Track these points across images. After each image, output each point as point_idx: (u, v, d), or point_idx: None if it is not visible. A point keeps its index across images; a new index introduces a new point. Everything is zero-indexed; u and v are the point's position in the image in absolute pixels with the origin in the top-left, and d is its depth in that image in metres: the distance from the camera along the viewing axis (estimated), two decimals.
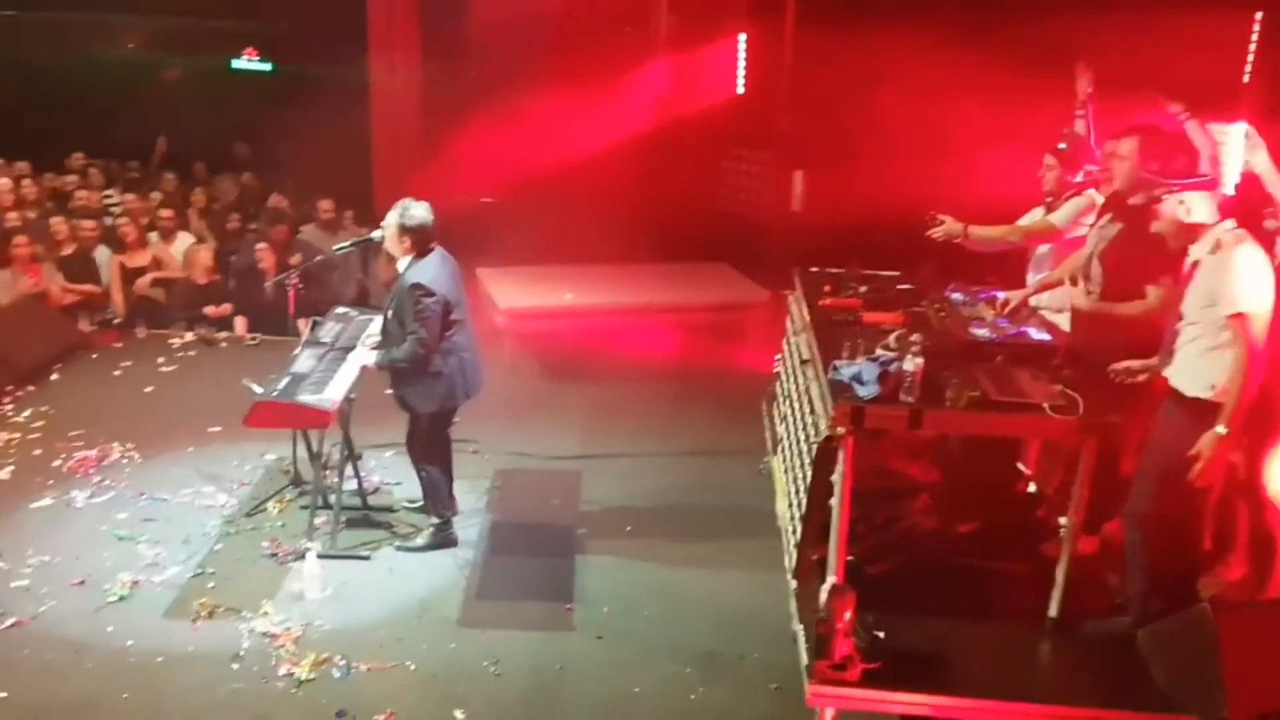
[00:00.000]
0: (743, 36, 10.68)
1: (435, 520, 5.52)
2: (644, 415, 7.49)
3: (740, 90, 10.80)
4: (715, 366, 8.29)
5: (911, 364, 4.06)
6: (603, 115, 10.31)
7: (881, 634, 4.02)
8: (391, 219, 5.11)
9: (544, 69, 10.26)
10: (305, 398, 4.99)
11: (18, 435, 6.61)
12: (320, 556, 5.17)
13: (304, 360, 5.36)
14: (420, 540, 5.51)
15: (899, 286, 5.50)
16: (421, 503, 5.63)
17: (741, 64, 10.77)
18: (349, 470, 5.70)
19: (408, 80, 11.11)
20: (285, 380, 5.12)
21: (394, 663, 4.58)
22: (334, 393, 5.08)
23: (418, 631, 4.82)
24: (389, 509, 5.87)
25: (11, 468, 6.18)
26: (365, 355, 5.25)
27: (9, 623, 4.70)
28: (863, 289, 5.48)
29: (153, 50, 12.47)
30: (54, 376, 7.64)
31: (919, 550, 4.80)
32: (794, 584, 4.53)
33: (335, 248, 5.42)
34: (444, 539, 5.52)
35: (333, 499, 5.50)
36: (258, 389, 5.07)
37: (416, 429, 5.38)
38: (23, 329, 7.75)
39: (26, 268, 8.24)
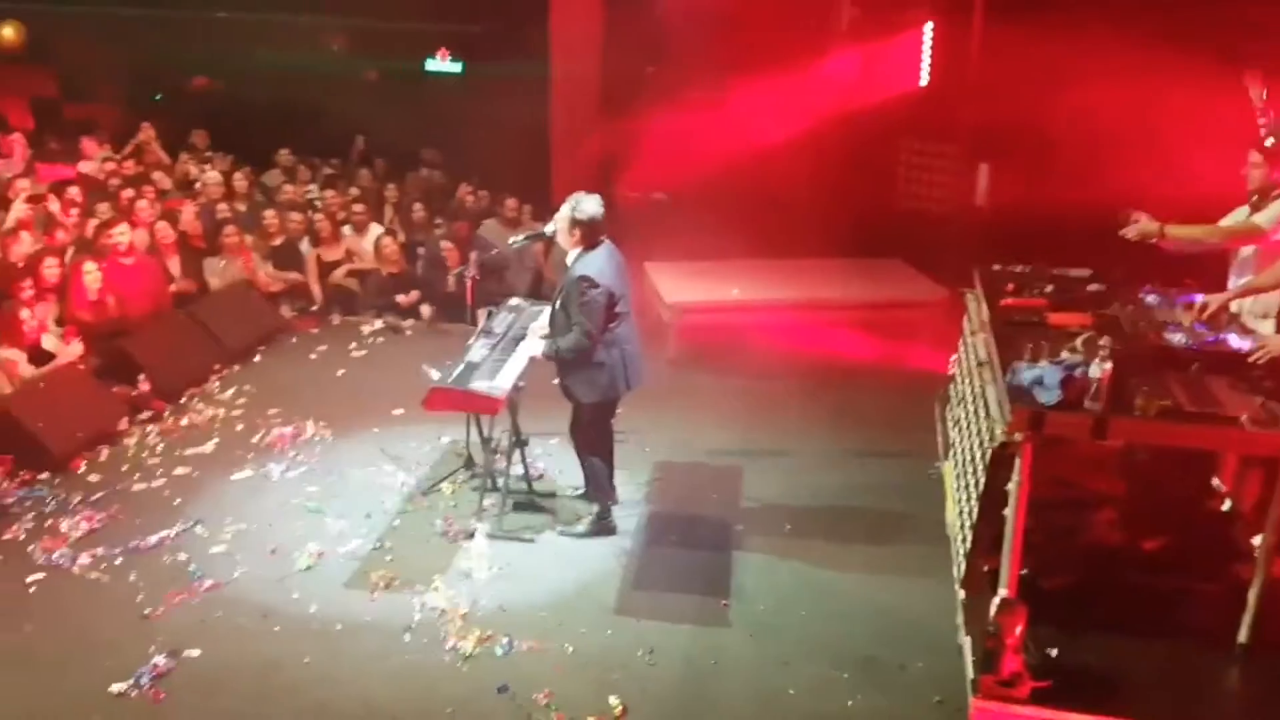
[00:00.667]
0: (929, 26, 10.36)
1: (596, 508, 5.63)
2: (809, 413, 7.39)
3: (924, 82, 10.48)
4: (886, 366, 8.10)
5: (1098, 369, 3.85)
6: (780, 108, 10.22)
7: (1054, 651, 3.84)
8: (563, 212, 5.25)
9: (723, 62, 10.26)
10: (477, 385, 5.20)
11: (223, 411, 7.15)
12: (488, 537, 5.37)
13: (478, 349, 5.58)
14: (581, 527, 5.63)
15: (1089, 287, 5.22)
16: (583, 490, 5.75)
17: (926, 55, 10.44)
18: (516, 456, 5.88)
19: (587, 76, 11.36)
20: (460, 368, 5.35)
21: (553, 644, 4.70)
22: (504, 381, 5.26)
23: (576, 616, 4.93)
24: (553, 494, 6.03)
25: (216, 441, 6.70)
26: (534, 345, 5.40)
27: (207, 585, 5.10)
28: (1049, 289, 5.25)
29: (355, 52, 13.19)
30: (257, 358, 8.22)
31: (1100, 566, 4.54)
32: (962, 594, 4.38)
33: (510, 241, 5.61)
34: (604, 527, 5.62)
35: (501, 483, 5.70)
36: (435, 375, 5.32)
37: (580, 418, 5.49)
38: (232, 313, 8.38)
39: (238, 256, 8.90)
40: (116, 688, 4.30)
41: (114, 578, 5.14)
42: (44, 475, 6.06)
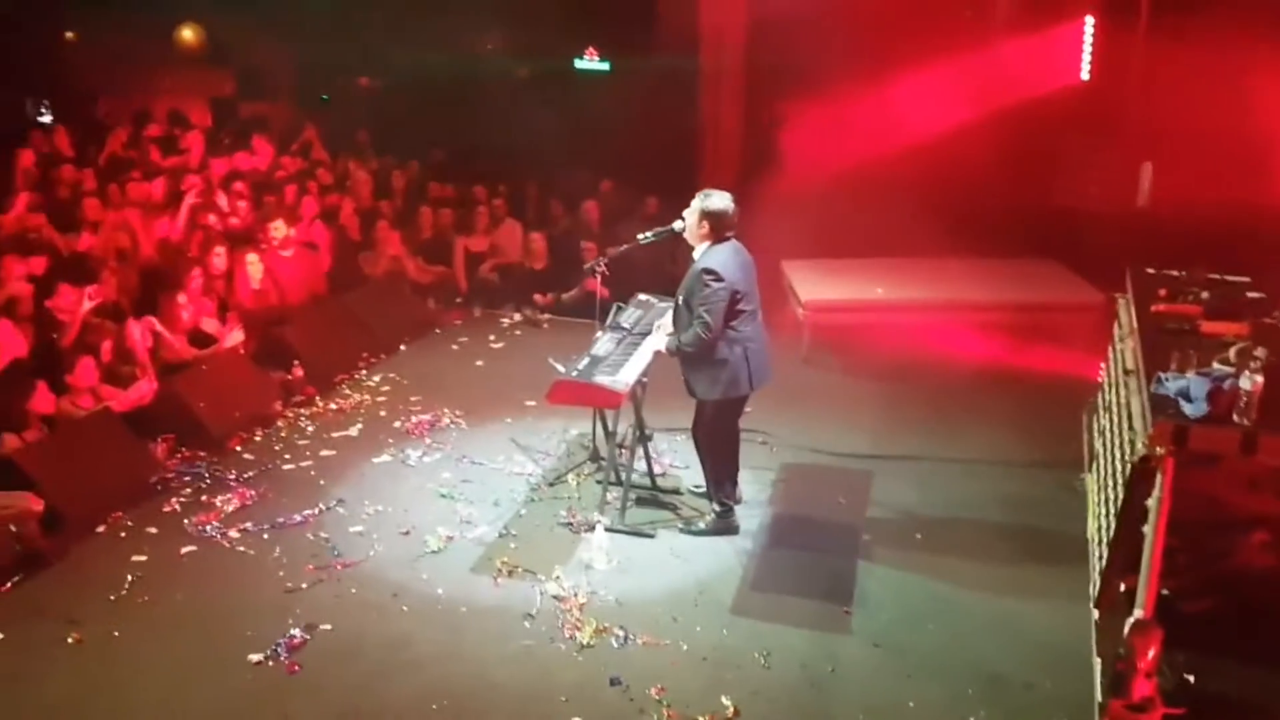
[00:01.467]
0: (1090, 20, 9.86)
1: (717, 507, 5.60)
2: (947, 418, 7.15)
3: (1085, 76, 9.99)
4: (1033, 371, 7.76)
5: (1249, 381, 3.59)
6: (932, 101, 9.93)
7: (1191, 677, 3.60)
8: (694, 205, 5.27)
9: (873, 54, 10.04)
10: (600, 379, 5.25)
11: (369, 398, 7.48)
12: (609, 530, 5.43)
13: (604, 343, 5.64)
14: (702, 525, 5.62)
15: (1248, 294, 4.87)
16: (706, 488, 5.73)
17: (1088, 49, 9.95)
18: (641, 451, 5.91)
19: (733, 70, 11.34)
20: (585, 361, 5.42)
21: (668, 640, 4.70)
22: (627, 376, 5.30)
23: (692, 613, 4.92)
24: (676, 491, 6.04)
25: (361, 425, 7.01)
26: (658, 340, 5.42)
27: (343, 563, 5.34)
28: (1204, 295, 4.92)
29: (507, 53, 13.52)
30: (403, 347, 8.56)
31: (1248, 590, 4.23)
32: (1096, 613, 4.17)
33: (639, 237, 5.64)
34: (725, 526, 5.59)
35: (624, 477, 5.75)
36: (560, 368, 5.40)
37: (702, 415, 5.48)
38: (383, 304, 8.76)
39: (390, 250, 9.29)
40: (254, 657, 4.55)
41: (260, 552, 5.44)
42: (202, 453, 6.46)
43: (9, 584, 5.07)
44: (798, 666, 4.56)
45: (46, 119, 13.31)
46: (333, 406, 7.30)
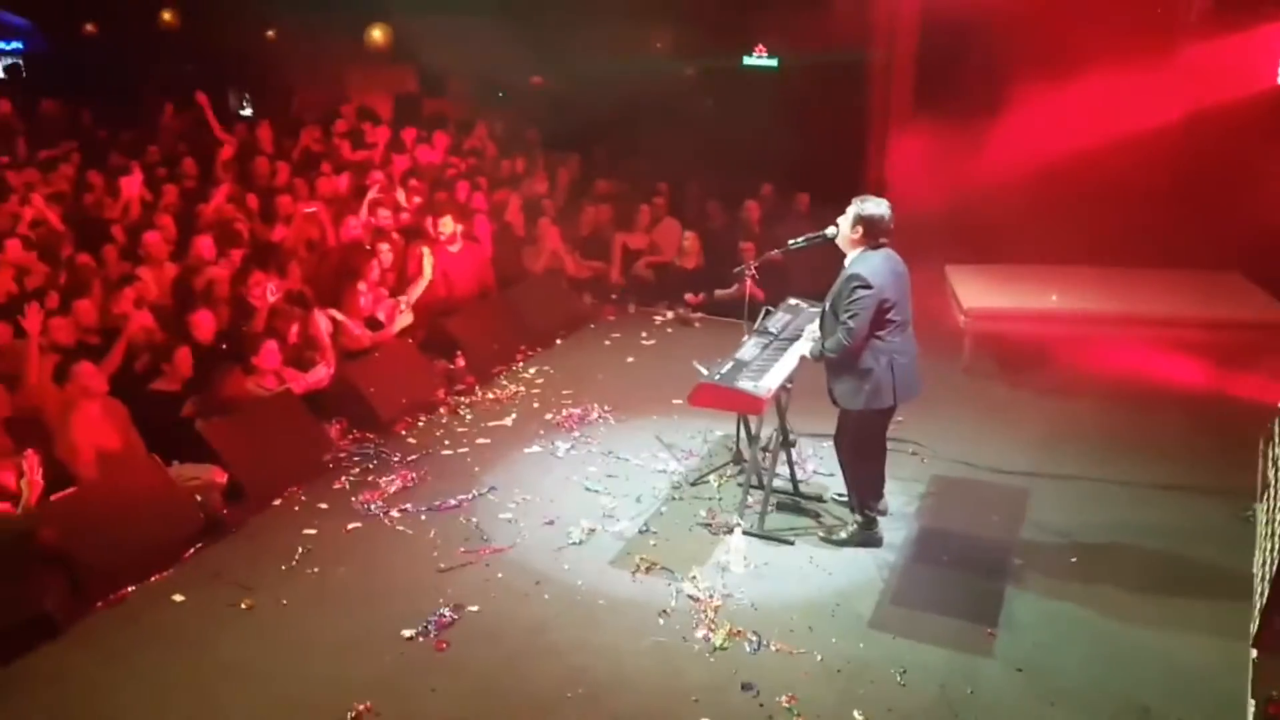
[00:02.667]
0: None
1: (860, 518, 5.54)
2: (1112, 437, 6.82)
3: None
4: (1209, 392, 7.32)
5: None
6: (1113, 104, 9.45)
7: None
8: (849, 211, 5.21)
9: (1052, 52, 9.63)
10: (743, 384, 5.28)
11: (523, 389, 7.75)
12: (747, 534, 5.47)
13: (750, 348, 5.66)
14: (844, 535, 5.57)
15: None
16: (849, 497, 5.67)
17: None
18: (783, 456, 5.91)
19: (904, 67, 11.09)
20: (729, 365, 5.45)
21: (802, 649, 4.70)
22: (770, 381, 5.30)
23: (829, 624, 4.90)
24: (818, 498, 6.00)
25: (515, 416, 7.27)
26: (804, 346, 5.40)
27: (492, 548, 5.57)
28: None
29: (676, 52, 13.63)
30: (558, 341, 8.82)
31: None
32: (1254, 653, 3.91)
33: (790, 243, 5.62)
34: (868, 538, 5.53)
35: (766, 481, 5.76)
36: (704, 371, 5.46)
37: (845, 425, 5.43)
38: (542, 299, 9.04)
39: (551, 245, 9.57)
40: (407, 632, 4.83)
41: (417, 532, 5.75)
42: (371, 435, 6.86)
43: (192, 550, 5.55)
44: (935, 686, 4.47)
45: (248, 112, 14.37)
46: (490, 396, 7.60)
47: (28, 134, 10.79)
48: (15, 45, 15.94)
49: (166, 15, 15.47)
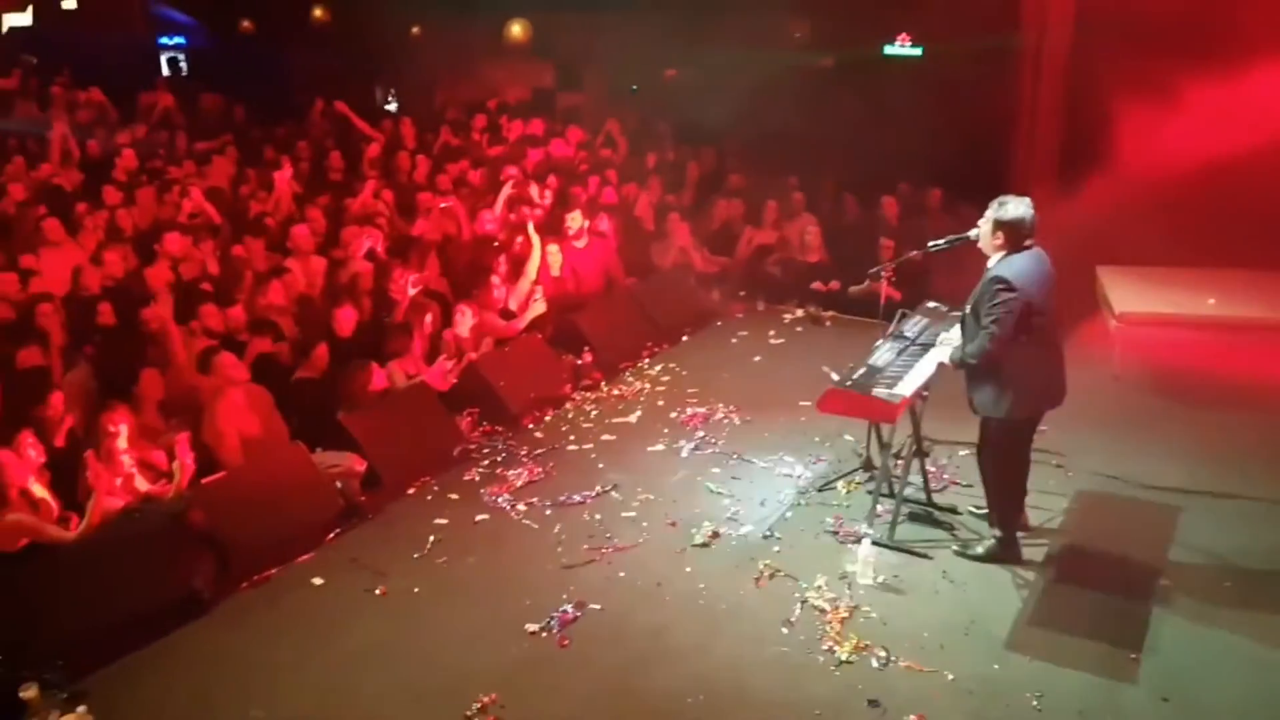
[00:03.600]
0: None
1: (998, 532, 5.32)
2: (1273, 453, 6.36)
3: None
4: None
5: None
6: None
7: None
8: (989, 213, 5.02)
9: (1224, 39, 9.01)
10: (876, 391, 5.12)
11: (649, 386, 7.74)
12: (876, 544, 5.32)
13: (884, 352, 5.49)
14: (980, 549, 5.35)
15: None
16: (987, 510, 5.45)
17: None
18: (916, 465, 5.72)
19: (1056, 53, 10.58)
20: (861, 370, 5.30)
21: (933, 668, 4.54)
22: (905, 389, 5.14)
23: (962, 643, 4.72)
24: (953, 510, 5.78)
25: (639, 413, 7.27)
26: (942, 352, 5.21)
27: (615, 546, 5.59)
28: None
29: (814, 43, 13.37)
30: (684, 338, 8.76)
31: None
32: None
33: (930, 244, 5.43)
34: (1006, 553, 5.30)
35: (897, 490, 5.59)
36: (835, 376, 5.32)
37: (986, 434, 5.21)
38: (668, 295, 9.03)
39: (679, 241, 9.53)
40: (530, 626, 4.89)
41: (542, 527, 5.81)
42: (500, 428, 6.98)
43: (332, 535, 5.76)
44: (1074, 713, 4.26)
45: (392, 107, 14.83)
46: (616, 392, 7.63)
47: (187, 128, 11.39)
48: (178, 41, 16.85)
49: (318, 12, 16.11)
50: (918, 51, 12.31)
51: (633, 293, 8.82)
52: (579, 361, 7.84)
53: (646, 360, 8.26)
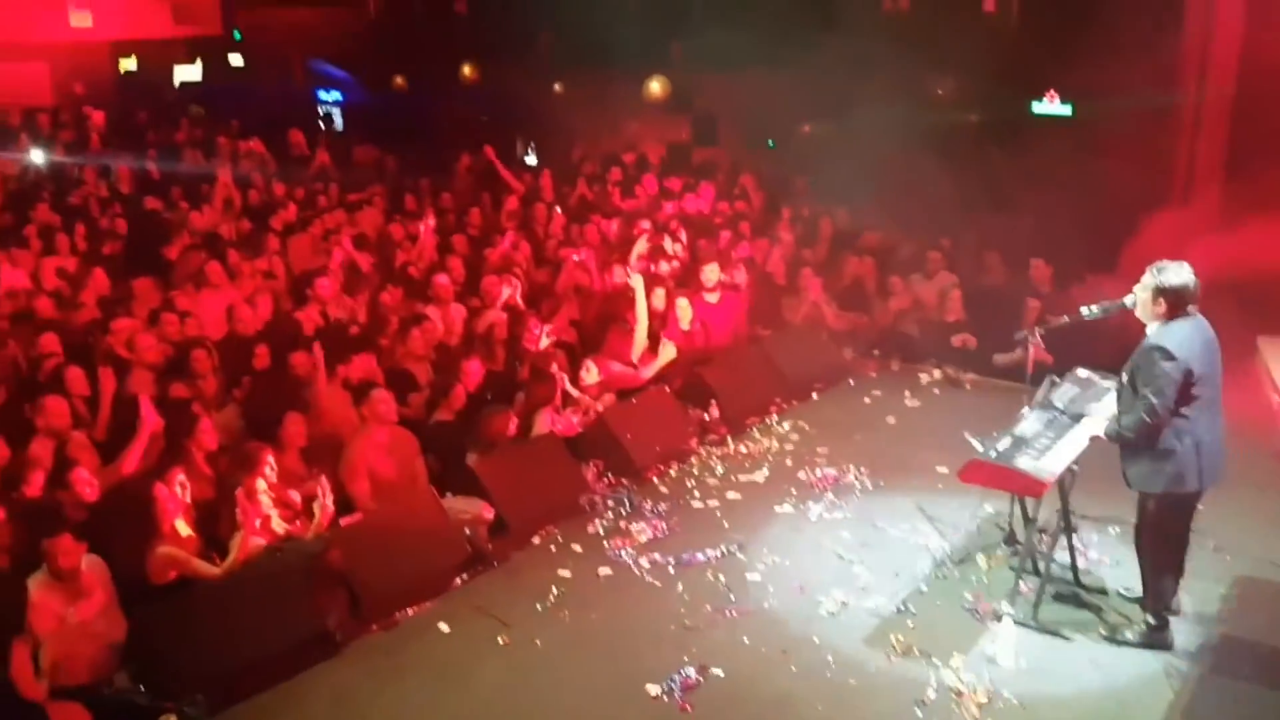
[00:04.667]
0: None
1: (1151, 618, 4.97)
2: None
3: None
4: None
5: None
6: None
7: None
8: (1147, 280, 4.79)
9: None
10: (1022, 463, 4.87)
11: (776, 444, 7.59)
12: (1018, 624, 5.05)
13: (1031, 422, 5.21)
14: (1130, 634, 5.01)
15: None
16: (1139, 593, 5.11)
17: None
18: (1063, 541, 5.41)
19: (1217, 115, 10.10)
20: (1006, 441, 5.04)
21: None
22: (1054, 463, 4.88)
23: None
24: (1101, 591, 5.44)
25: (766, 472, 7.13)
26: (1095, 424, 4.94)
27: (739, 609, 5.46)
28: None
29: (959, 100, 13.11)
30: (814, 396, 8.56)
31: None
32: None
33: (1083, 309, 5.18)
34: (1158, 640, 4.95)
35: (1042, 567, 5.31)
36: (978, 445, 5.09)
37: (1143, 511, 4.91)
38: (798, 351, 8.85)
39: (809, 296, 9.40)
40: (652, 690, 4.80)
41: (665, 585, 5.73)
42: (624, 480, 6.94)
43: (459, 581, 5.82)
44: None
45: (532, 160, 15.29)
46: (742, 449, 7.51)
47: (340, 179, 11.97)
48: (335, 96, 17.81)
49: (467, 69, 16.77)
50: (1067, 110, 11.94)
51: (763, 347, 8.72)
52: (706, 416, 7.77)
53: (775, 417, 8.10)
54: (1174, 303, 4.70)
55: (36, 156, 11.95)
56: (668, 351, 7.92)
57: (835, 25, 12.17)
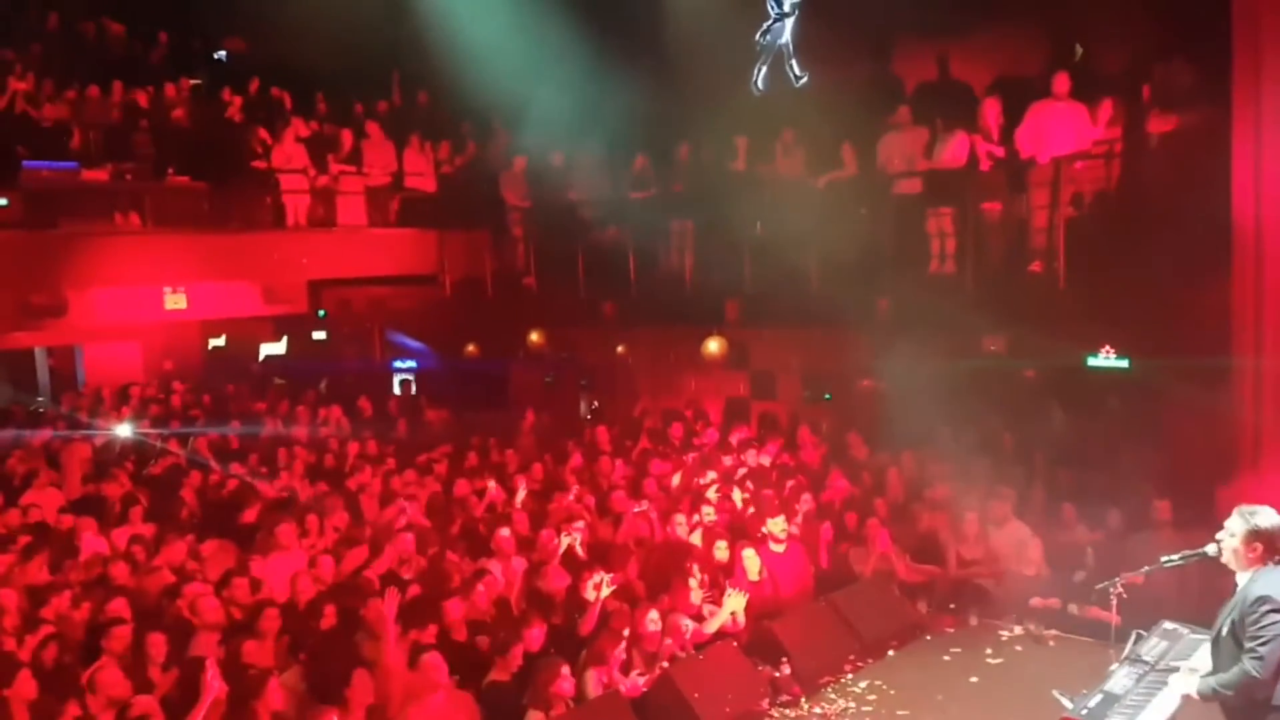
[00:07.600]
0: None
1: None
2: None
3: None
4: None
5: None
6: None
7: None
8: (1236, 525, 4.69)
9: None
10: None
11: (854, 705, 7.22)
12: None
13: (1120, 678, 4.93)
14: None
15: None
16: None
17: None
18: None
19: (1276, 378, 9.99)
20: (1097, 699, 4.76)
21: None
22: None
23: None
24: None
25: None
26: (1188, 681, 4.66)
27: None
28: None
29: (1015, 352, 13.25)
30: (890, 653, 8.19)
31: None
32: None
33: (1163, 559, 5.02)
34: None
35: None
36: (1068, 704, 4.81)
37: None
38: (871, 605, 8.57)
39: (880, 547, 9.21)
40: None
41: None
42: None
43: None
44: None
45: (588, 416, 15.73)
46: (817, 711, 7.16)
47: (411, 441, 12.39)
48: (410, 364, 18.70)
49: (534, 335, 17.59)
50: (1124, 364, 11.99)
51: (833, 601, 8.47)
52: (776, 674, 7.46)
53: (850, 675, 7.74)
54: (1271, 547, 4.57)
55: (123, 430, 12.62)
56: (735, 602, 7.74)
57: (882, 288, 12.61)
